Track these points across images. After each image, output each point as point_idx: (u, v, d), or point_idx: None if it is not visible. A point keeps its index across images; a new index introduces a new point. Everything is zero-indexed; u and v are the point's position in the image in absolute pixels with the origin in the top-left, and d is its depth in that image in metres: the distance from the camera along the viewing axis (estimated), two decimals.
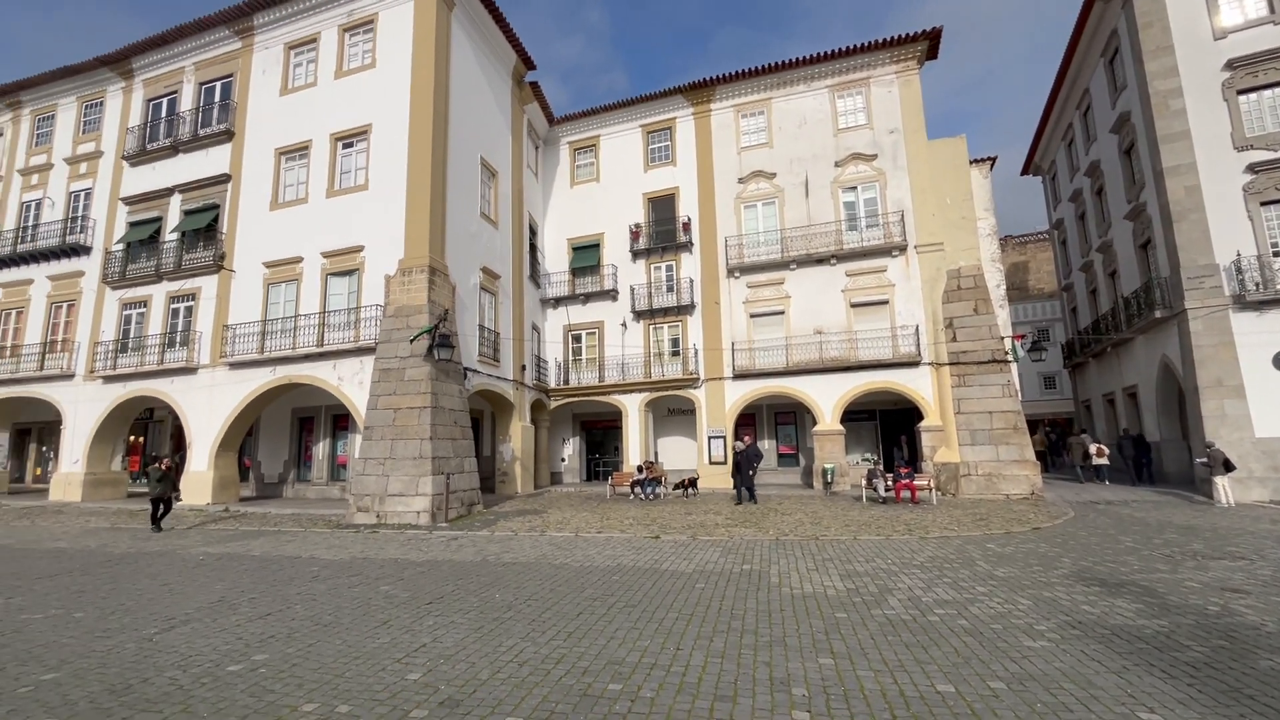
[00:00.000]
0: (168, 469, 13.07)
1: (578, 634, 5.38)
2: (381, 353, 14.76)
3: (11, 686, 4.37)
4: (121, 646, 5.23)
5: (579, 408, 23.81)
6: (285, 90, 18.23)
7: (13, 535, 12.29)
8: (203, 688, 4.30)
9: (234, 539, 11.39)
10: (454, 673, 4.51)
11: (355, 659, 4.83)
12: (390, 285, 15.32)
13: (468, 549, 9.97)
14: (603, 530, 11.59)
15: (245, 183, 18.15)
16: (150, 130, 20.00)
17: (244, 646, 5.18)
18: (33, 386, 19.89)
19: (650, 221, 22.75)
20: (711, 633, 5.35)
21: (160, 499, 12.79)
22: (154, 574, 8.29)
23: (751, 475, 15.41)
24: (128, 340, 18.89)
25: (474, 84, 18.47)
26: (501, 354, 18.93)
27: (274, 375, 16.51)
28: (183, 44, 19.74)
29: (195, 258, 18.26)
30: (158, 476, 12.84)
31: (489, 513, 14.65)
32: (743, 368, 20.33)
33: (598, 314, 22.86)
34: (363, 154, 16.86)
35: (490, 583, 7.45)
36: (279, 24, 18.52)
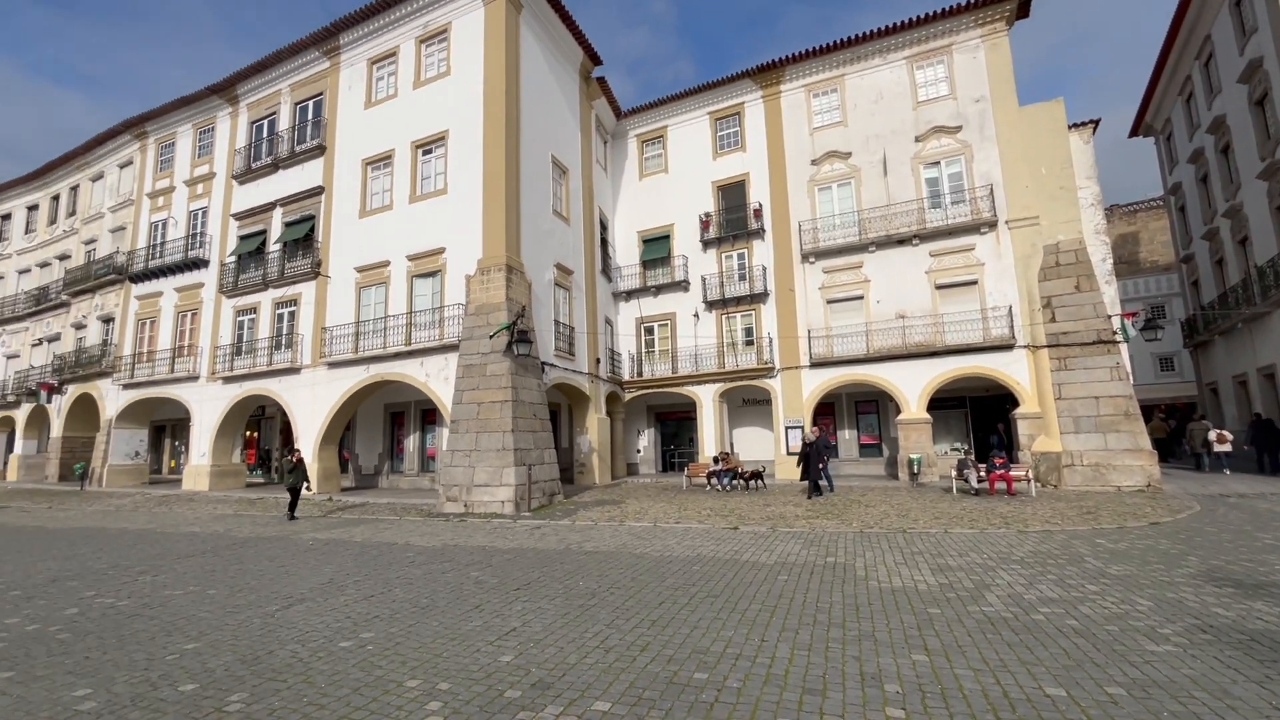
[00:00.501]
0: (299, 461, 13.91)
1: (661, 622, 5.43)
2: (464, 349, 15.40)
3: (161, 654, 4.91)
4: (249, 621, 5.76)
5: (653, 399, 23.94)
6: (369, 103, 19.28)
7: (155, 521, 13.77)
8: (319, 661, 4.66)
9: (337, 526, 12.26)
10: (543, 656, 4.67)
11: (451, 640, 5.09)
12: (470, 284, 15.94)
13: (550, 538, 10.27)
14: (680, 521, 11.62)
15: (336, 193, 19.38)
16: (254, 150, 21.71)
17: (352, 625, 5.57)
18: (165, 388, 22.16)
19: (720, 210, 22.46)
20: (797, 625, 5.26)
21: (294, 489, 13.66)
22: (272, 557, 9.07)
23: (823, 467, 14.86)
24: (241, 344, 20.68)
25: (543, 83, 18.84)
26: (576, 348, 19.31)
27: (367, 373, 17.59)
28: (279, 68, 21.27)
29: (295, 266, 19.70)
30: (289, 468, 13.75)
31: (569, 503, 15.03)
32: (820, 356, 19.76)
33: (669, 305, 22.86)
34: (441, 159, 17.59)
35: (574, 570, 7.64)
36: (361, 41, 19.59)
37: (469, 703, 3.86)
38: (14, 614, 6.22)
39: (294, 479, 13.66)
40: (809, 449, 14.98)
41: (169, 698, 4.04)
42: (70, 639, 5.37)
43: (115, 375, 23.20)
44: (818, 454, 14.80)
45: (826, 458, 15.17)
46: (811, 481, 14.61)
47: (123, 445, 23.51)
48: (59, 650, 5.07)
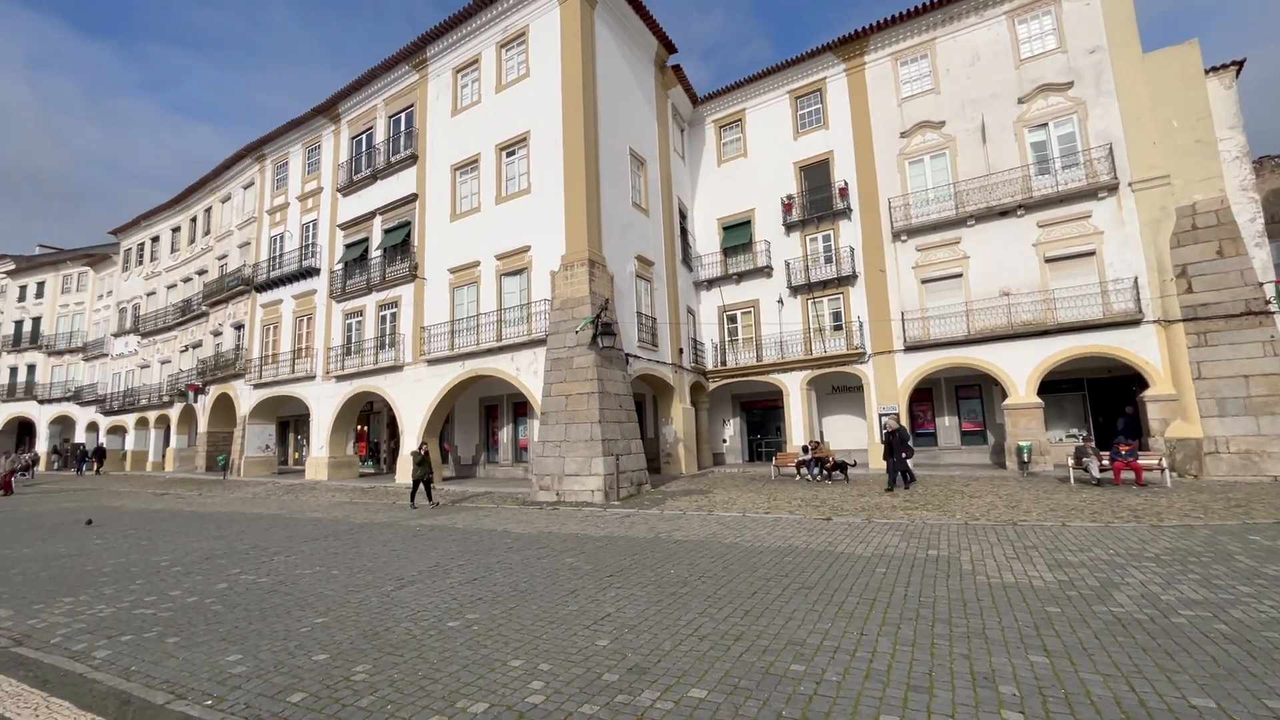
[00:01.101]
0: (426, 453, 14.43)
1: (754, 612, 5.37)
2: (551, 344, 15.86)
3: (296, 626, 5.42)
4: (368, 600, 6.25)
5: (738, 388, 23.65)
6: (455, 111, 20.16)
7: (284, 507, 15.21)
8: (431, 638, 4.98)
9: (441, 513, 13.02)
10: (638, 642, 4.75)
11: (550, 623, 5.28)
12: (555, 280, 16.36)
13: (640, 526, 10.41)
14: (770, 511, 11.44)
15: (429, 199, 20.46)
16: (354, 164, 23.31)
17: (458, 606, 5.91)
18: (287, 387, 24.36)
19: (803, 191, 21.75)
20: (898, 619, 5.04)
21: (422, 480, 14.11)
22: (384, 541, 9.78)
23: (905, 458, 13.89)
24: (350, 345, 22.35)
25: (619, 77, 18.94)
26: (659, 338, 19.39)
27: (463, 369, 18.51)
28: (373, 84, 22.66)
29: (395, 270, 21.02)
30: (418, 460, 14.16)
31: (656, 492, 15.17)
32: (915, 339, 18.76)
33: (752, 292, 22.45)
34: (523, 160, 18.12)
35: (664, 559, 7.71)
36: (446, 51, 20.49)
37: (569, 684, 3.99)
38: (176, 587, 7.08)
39: (422, 470, 14.12)
40: (892, 437, 14.08)
41: (305, 665, 4.46)
42: (222, 610, 6.04)
43: (247, 376, 25.77)
44: (901, 444, 13.90)
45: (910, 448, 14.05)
46: (900, 472, 13.76)
47: (255, 439, 26.12)
48: (213, 620, 5.72)
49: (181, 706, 3.81)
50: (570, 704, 3.70)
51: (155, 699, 3.93)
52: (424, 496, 14.41)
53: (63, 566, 8.52)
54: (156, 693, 4.04)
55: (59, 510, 16.04)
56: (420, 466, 14.10)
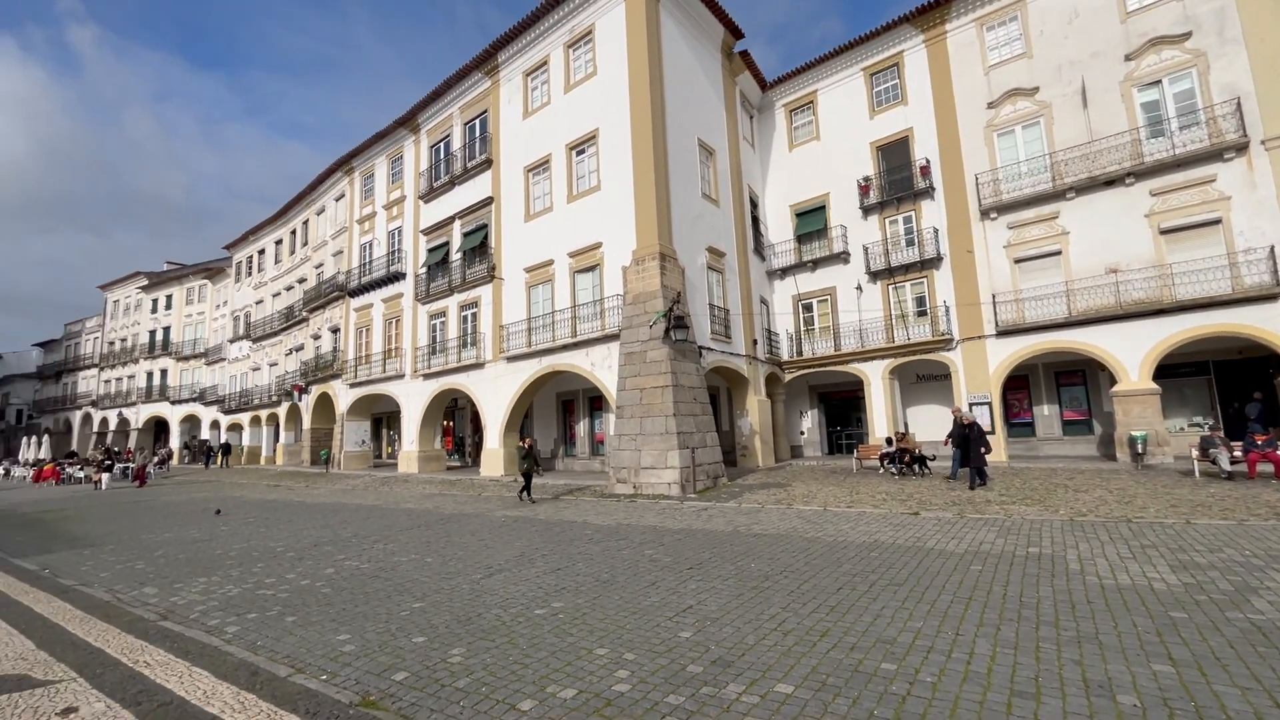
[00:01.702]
0: (531, 446, 14.32)
1: (840, 609, 5.24)
2: (625, 338, 16.02)
3: (396, 610, 5.78)
4: (459, 586, 6.57)
5: (815, 379, 23.04)
6: (526, 113, 20.66)
7: (379, 498, 16.22)
8: (519, 625, 5.18)
9: (523, 505, 13.46)
10: (721, 634, 4.74)
11: (633, 614, 5.36)
12: (626, 275, 16.50)
13: (718, 519, 10.37)
14: (853, 505, 11.09)
15: (504, 201, 21.11)
16: (434, 171, 24.39)
17: (544, 595, 6.11)
18: (379, 385, 25.91)
19: (881, 172, 20.83)
20: (998, 620, 4.77)
21: (528, 473, 14.04)
22: (472, 531, 10.23)
23: (984, 454, 12.72)
24: (435, 344, 23.47)
25: (686, 67, 18.79)
26: (732, 330, 19.16)
27: (540, 365, 19.02)
28: (450, 94, 23.59)
29: (474, 271, 21.86)
30: (523, 454, 14.12)
31: (733, 485, 15.04)
32: (1008, 323, 17.60)
33: (828, 280, 21.77)
34: (593, 158, 18.34)
35: (744, 553, 7.65)
36: (516, 56, 21.01)
37: (654, 674, 4.04)
38: (290, 571, 7.72)
39: (527, 464, 14.04)
40: (969, 432, 13.03)
41: (406, 646, 4.75)
42: (330, 593, 6.53)
43: (343, 376, 27.62)
44: (980, 439, 12.87)
45: (982, 447, 12.80)
46: (975, 469, 12.62)
47: (352, 435, 27.97)
48: (324, 601, 6.19)
49: (301, 680, 4.16)
50: (656, 694, 3.74)
51: (279, 672, 4.31)
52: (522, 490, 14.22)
53: (196, 550, 9.47)
54: (280, 666, 4.42)
55: (190, 500, 17.84)
56: (526, 460, 14.05)
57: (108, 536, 11.33)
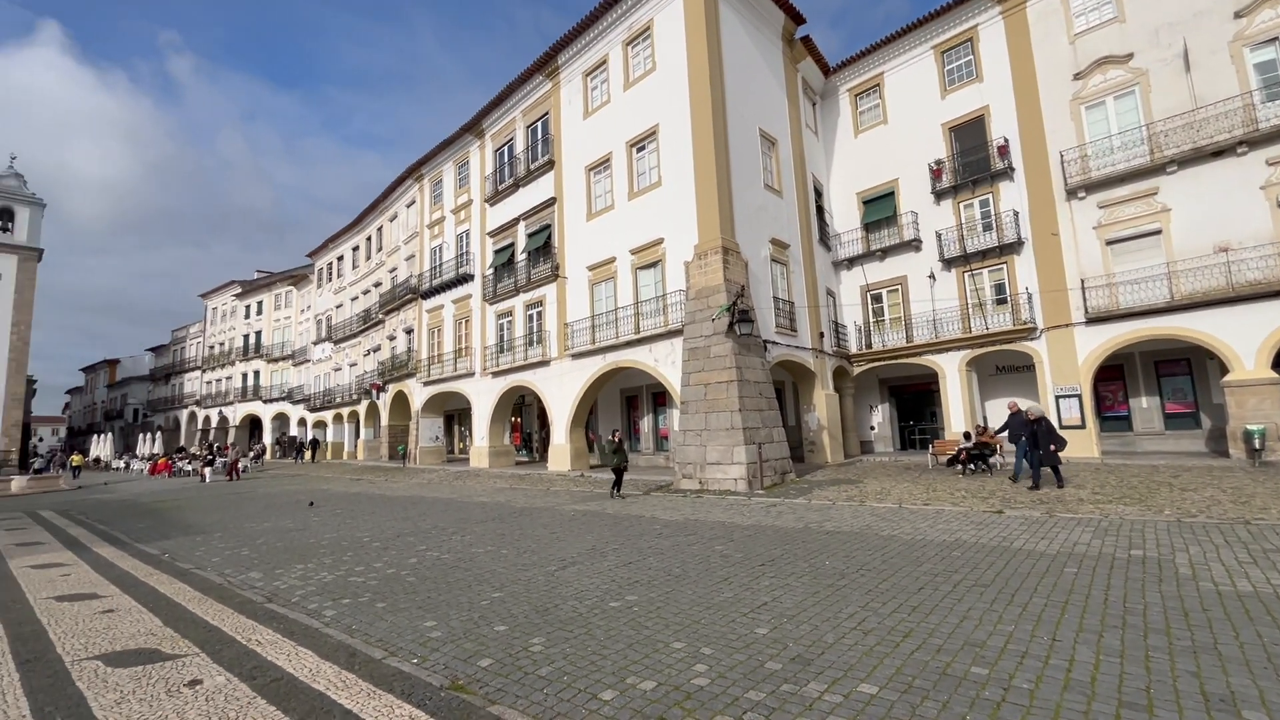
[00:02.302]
0: (621, 441, 13.96)
1: (922, 609, 5.06)
2: (688, 333, 15.98)
3: (476, 599, 6.01)
4: (535, 578, 6.76)
5: (885, 372, 22.26)
6: (587, 113, 20.90)
7: (455, 492, 16.87)
8: (595, 616, 5.28)
9: (591, 499, 13.69)
10: (798, 632, 4.67)
11: (707, 609, 5.36)
12: (689, 270, 16.44)
13: (787, 516, 10.21)
14: (930, 502, 10.67)
15: (566, 201, 21.46)
16: (499, 175, 25.06)
17: (617, 588, 6.20)
18: (451, 383, 26.92)
19: (954, 154, 19.85)
20: (1099, 626, 4.48)
21: (618, 469, 13.65)
22: (544, 525, 10.50)
23: (1055, 451, 11.52)
24: (503, 343, 24.16)
25: (746, 57, 18.49)
26: (798, 323, 18.77)
27: (604, 361, 19.25)
28: (512, 98, 24.16)
29: (538, 271, 22.34)
30: (613, 449, 13.77)
31: (802, 481, 14.76)
32: (1099, 309, 16.43)
33: (898, 268, 20.96)
34: (653, 154, 18.36)
35: (817, 550, 7.50)
36: (575, 57, 21.28)
37: (732, 669, 4.03)
38: (377, 560, 8.15)
39: (617, 459, 13.68)
40: (1038, 427, 11.84)
41: (488, 634, 4.94)
42: (415, 581, 6.86)
43: (418, 375, 28.87)
44: (1049, 435, 11.71)
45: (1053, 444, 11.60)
46: (1049, 467, 11.62)
47: (427, 431, 29.21)
48: (409, 589, 6.51)
49: (395, 663, 4.39)
50: (735, 689, 3.73)
51: (374, 654, 4.57)
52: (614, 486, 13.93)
53: (292, 539, 10.16)
54: (374, 649, 4.69)
55: (283, 492, 19.13)
56: (617, 454, 13.62)
57: (215, 525, 12.32)
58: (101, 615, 5.93)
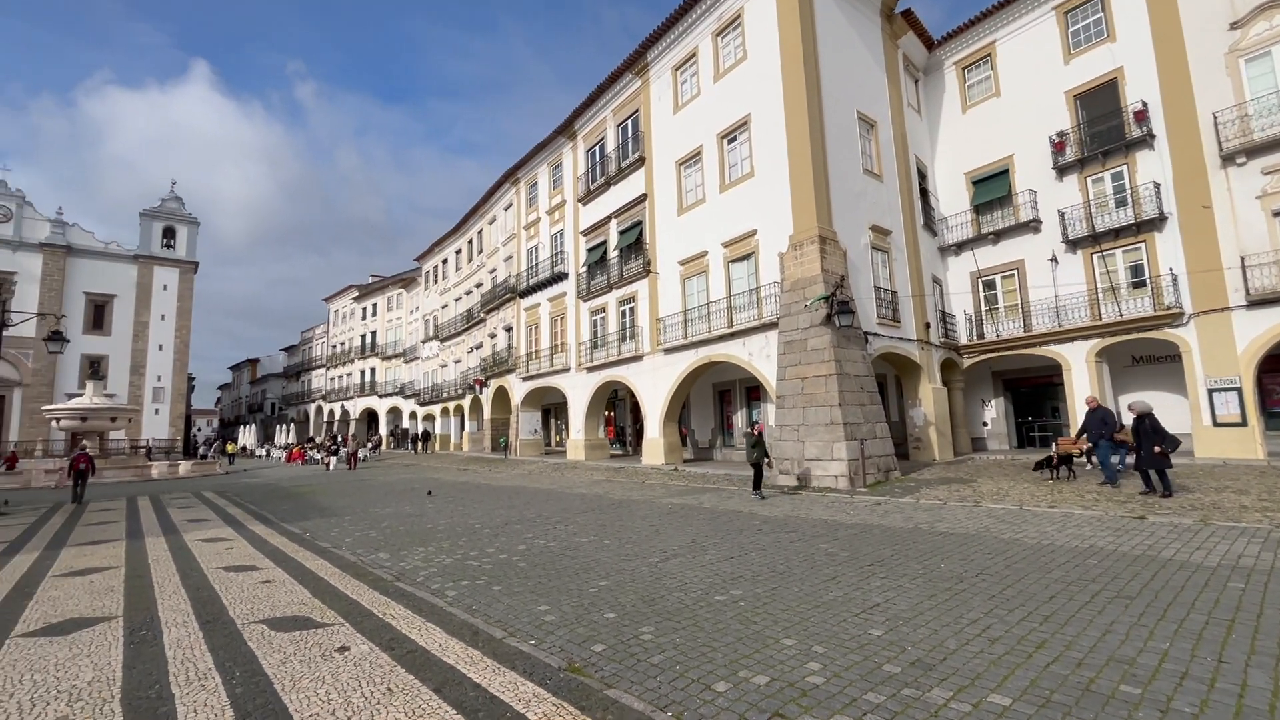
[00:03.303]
0: (761, 435, 12.61)
1: (1056, 619, 4.69)
2: (783, 326, 15.63)
3: (585, 587, 6.23)
4: (639, 569, 6.90)
5: (999, 364, 20.71)
6: (677, 108, 20.89)
7: (554, 483, 17.50)
8: (701, 610, 5.32)
9: (688, 493, 13.74)
10: (916, 636, 4.48)
11: (815, 607, 5.25)
12: (784, 261, 16.06)
13: (894, 515, 9.77)
14: (1056, 505, 9.84)
15: (657, 196, 21.58)
16: (591, 174, 25.61)
17: (721, 582, 6.21)
18: (547, 379, 27.89)
19: (1080, 124, 18.07)
20: (1276, 649, 3.96)
21: (757, 465, 12.39)
22: (643, 517, 10.67)
23: (1162, 453, 9.93)
24: (596, 339, 24.73)
25: (841, 38, 17.76)
26: (901, 313, 17.85)
27: (696, 356, 19.22)
28: (603, 98, 24.59)
29: (630, 267, 22.64)
30: (751, 443, 12.50)
31: (907, 479, 14.06)
32: (1265, 290, 14.45)
33: (1014, 252, 19.40)
34: (745, 144, 18.07)
35: (929, 551, 7.13)
36: (665, 52, 21.31)
37: (847, 669, 3.94)
38: (489, 545, 8.63)
39: (757, 454, 12.34)
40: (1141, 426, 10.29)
41: (599, 621, 5.11)
42: (526, 567, 7.20)
43: (517, 371, 30.15)
44: (1154, 434, 10.08)
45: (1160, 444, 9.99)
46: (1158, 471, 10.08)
47: (526, 424, 30.46)
48: (521, 575, 6.85)
49: (514, 643, 4.65)
50: (853, 689, 3.65)
51: (495, 634, 4.86)
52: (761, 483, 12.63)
53: (412, 523, 10.96)
54: (495, 629, 4.98)
55: (399, 480, 20.65)
56: (756, 449, 12.34)
57: (344, 509, 13.52)
58: (261, 585, 6.70)
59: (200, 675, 4.19)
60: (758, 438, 12.48)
